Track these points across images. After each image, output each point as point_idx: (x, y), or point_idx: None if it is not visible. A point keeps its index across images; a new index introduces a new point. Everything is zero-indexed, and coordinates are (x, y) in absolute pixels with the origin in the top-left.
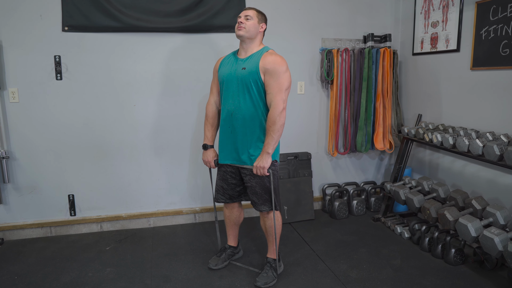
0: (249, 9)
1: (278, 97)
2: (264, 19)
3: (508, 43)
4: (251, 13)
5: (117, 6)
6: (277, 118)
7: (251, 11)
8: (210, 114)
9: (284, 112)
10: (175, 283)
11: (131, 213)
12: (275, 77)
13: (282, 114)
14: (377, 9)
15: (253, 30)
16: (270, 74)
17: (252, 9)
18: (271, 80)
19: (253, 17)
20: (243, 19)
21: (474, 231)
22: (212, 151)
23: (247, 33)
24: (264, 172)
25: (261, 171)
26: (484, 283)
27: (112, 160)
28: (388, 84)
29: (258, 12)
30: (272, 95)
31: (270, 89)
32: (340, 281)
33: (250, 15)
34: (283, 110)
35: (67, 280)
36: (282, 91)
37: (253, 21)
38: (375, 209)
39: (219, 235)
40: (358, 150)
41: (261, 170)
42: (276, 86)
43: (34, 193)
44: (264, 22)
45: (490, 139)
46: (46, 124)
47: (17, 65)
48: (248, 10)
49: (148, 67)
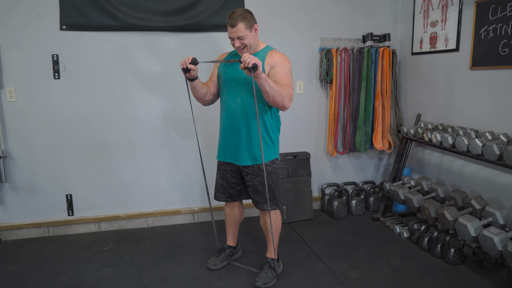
0: (236, 24)
1: (285, 78)
2: (252, 19)
3: (508, 42)
4: (240, 31)
5: (115, 4)
6: (287, 95)
7: (239, 26)
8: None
9: (289, 103)
10: (173, 283)
11: (129, 213)
12: (280, 67)
13: (290, 97)
14: (376, 8)
15: (252, 42)
16: (276, 65)
17: (238, 23)
18: (277, 68)
19: (245, 33)
20: (238, 43)
21: (473, 231)
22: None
23: (250, 49)
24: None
25: (247, 60)
26: (484, 283)
27: (110, 159)
28: (387, 84)
29: (244, 20)
30: (279, 77)
31: (276, 74)
32: (339, 281)
33: (242, 35)
34: (291, 100)
35: (64, 280)
36: (289, 80)
37: (247, 36)
38: (374, 209)
39: (217, 235)
40: (357, 149)
41: (248, 59)
42: (281, 70)
43: (32, 192)
44: (254, 23)
45: (490, 139)
46: (44, 123)
47: (14, 64)
48: (235, 27)
49: (146, 66)
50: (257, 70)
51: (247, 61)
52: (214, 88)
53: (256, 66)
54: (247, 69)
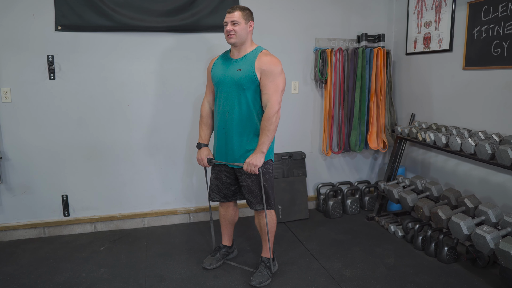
0: (234, 11)
1: (274, 97)
2: (250, 15)
3: (500, 43)
4: (237, 17)
5: (110, 5)
6: (273, 118)
7: (237, 14)
8: (204, 114)
9: (279, 113)
10: (169, 283)
11: (125, 213)
12: (271, 78)
13: (277, 114)
14: (371, 9)
15: (243, 34)
16: (266, 75)
17: (236, 10)
18: (267, 81)
19: (240, 20)
20: (230, 26)
21: (466, 229)
22: (205, 149)
23: (238, 39)
24: (254, 170)
25: (252, 169)
26: (477, 281)
27: (106, 160)
28: (382, 84)
29: (242, 11)
30: (268, 95)
31: (266, 89)
32: (334, 280)
33: (236, 20)
34: (278, 111)
35: (60, 280)
36: (278, 92)
37: (240, 25)
38: (369, 208)
39: (214, 235)
40: (352, 149)
41: (252, 167)
42: (272, 87)
43: (27, 193)
44: (251, 19)
45: (482, 138)
46: (39, 124)
47: (9, 65)
48: (232, 13)
49: (142, 67)
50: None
51: (252, 170)
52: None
53: (260, 171)
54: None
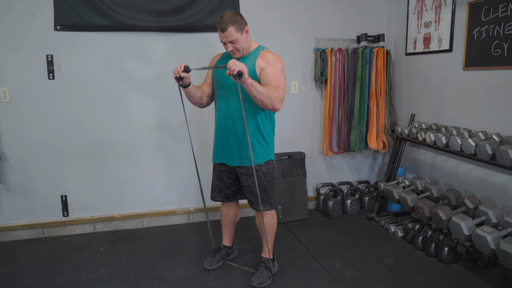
0: (226, 28)
1: (280, 89)
2: (241, 20)
3: (500, 43)
4: (232, 34)
5: (110, 5)
6: (277, 97)
7: (230, 30)
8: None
9: (280, 105)
10: (169, 284)
11: (125, 213)
12: (272, 67)
13: (280, 99)
14: (371, 9)
15: (245, 45)
16: (269, 65)
17: (228, 26)
18: (270, 68)
19: (236, 36)
20: (230, 46)
21: (467, 230)
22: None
23: (242, 52)
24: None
25: (233, 67)
26: (477, 281)
27: (106, 160)
28: (382, 84)
29: (234, 23)
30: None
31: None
32: (334, 280)
33: (232, 38)
34: (281, 102)
35: (60, 281)
36: (281, 81)
37: (239, 39)
38: (369, 209)
39: (212, 235)
40: (352, 149)
41: (233, 66)
42: (274, 74)
43: (26, 193)
44: (244, 24)
45: (482, 139)
46: (38, 124)
47: (8, 65)
48: (226, 31)
49: (141, 67)
50: (242, 77)
51: (231, 68)
52: (209, 89)
53: (241, 73)
54: (232, 76)
